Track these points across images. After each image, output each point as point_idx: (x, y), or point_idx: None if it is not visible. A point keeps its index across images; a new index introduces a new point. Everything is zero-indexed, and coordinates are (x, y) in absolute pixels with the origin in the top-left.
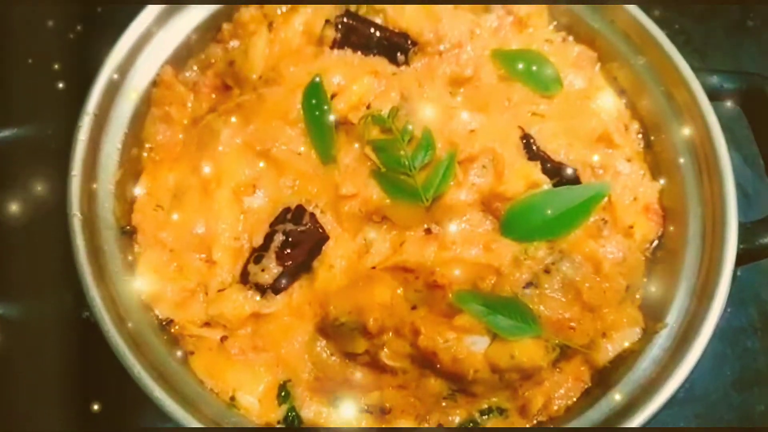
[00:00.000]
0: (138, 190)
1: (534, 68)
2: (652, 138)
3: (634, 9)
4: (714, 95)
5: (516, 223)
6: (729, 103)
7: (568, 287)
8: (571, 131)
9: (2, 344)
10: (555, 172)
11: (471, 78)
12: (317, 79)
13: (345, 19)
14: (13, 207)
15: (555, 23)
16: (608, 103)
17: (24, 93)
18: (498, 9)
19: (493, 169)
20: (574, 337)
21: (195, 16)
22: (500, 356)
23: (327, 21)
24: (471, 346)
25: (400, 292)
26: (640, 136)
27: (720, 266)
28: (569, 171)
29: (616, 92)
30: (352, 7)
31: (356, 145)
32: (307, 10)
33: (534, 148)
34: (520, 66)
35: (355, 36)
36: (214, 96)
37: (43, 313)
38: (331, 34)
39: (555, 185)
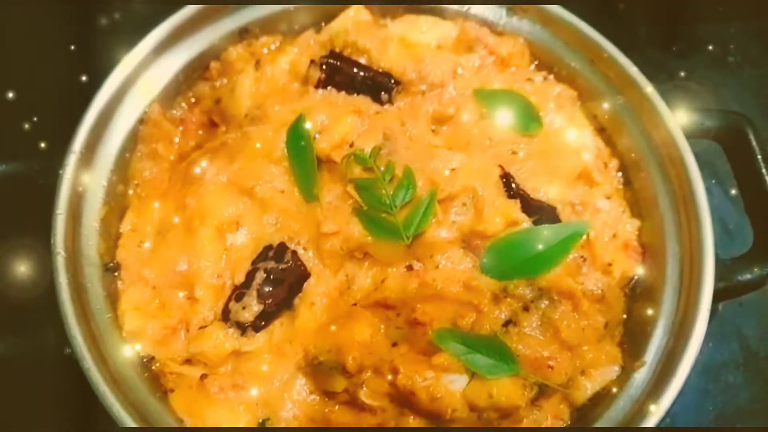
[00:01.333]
0: (123, 227)
1: (514, 109)
2: (631, 176)
3: (613, 49)
4: (694, 133)
5: (496, 261)
6: (709, 141)
7: (546, 325)
8: (551, 169)
9: None
10: (535, 210)
11: (453, 116)
12: (301, 118)
13: (330, 60)
14: None
15: (536, 62)
16: (588, 140)
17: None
18: (480, 49)
19: (473, 207)
20: (552, 375)
21: (183, 54)
22: (478, 395)
23: (312, 61)
24: (449, 384)
25: (381, 329)
26: (619, 174)
27: (697, 304)
28: (549, 209)
29: (596, 130)
30: (337, 47)
31: (338, 184)
32: (294, 49)
33: (514, 186)
34: (501, 106)
35: (339, 76)
36: (200, 132)
37: (25, 350)
38: (315, 74)
39: (535, 223)
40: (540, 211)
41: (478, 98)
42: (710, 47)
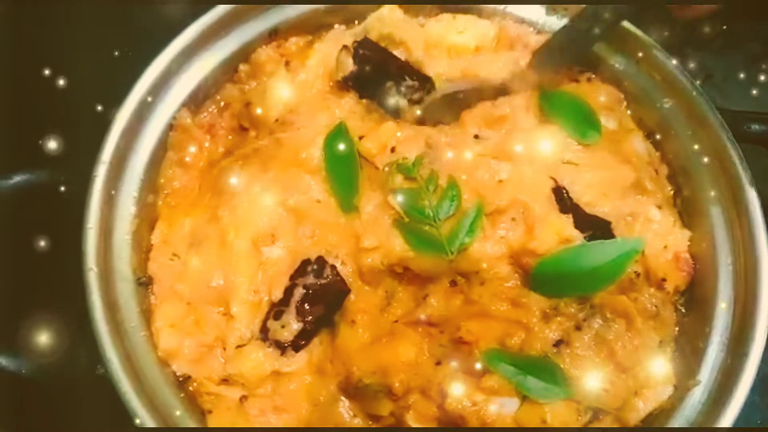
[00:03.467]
0: (154, 239)
1: (573, 114)
2: (680, 183)
3: (659, 50)
4: (742, 137)
5: (546, 277)
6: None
7: (600, 345)
8: (605, 180)
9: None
10: (588, 225)
11: (504, 119)
12: (342, 124)
13: (362, 49)
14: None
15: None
16: (639, 146)
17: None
18: (521, 48)
19: (523, 223)
20: (606, 399)
21: (212, 57)
22: (531, 419)
23: (345, 47)
24: (500, 408)
25: (425, 348)
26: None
27: (754, 319)
28: (603, 224)
29: (644, 134)
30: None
31: (378, 193)
32: (323, 46)
33: (567, 199)
34: (561, 110)
35: (371, 66)
36: (230, 138)
37: (57, 369)
38: (347, 61)
39: (588, 239)
40: (594, 227)
41: (542, 100)
42: (749, 44)
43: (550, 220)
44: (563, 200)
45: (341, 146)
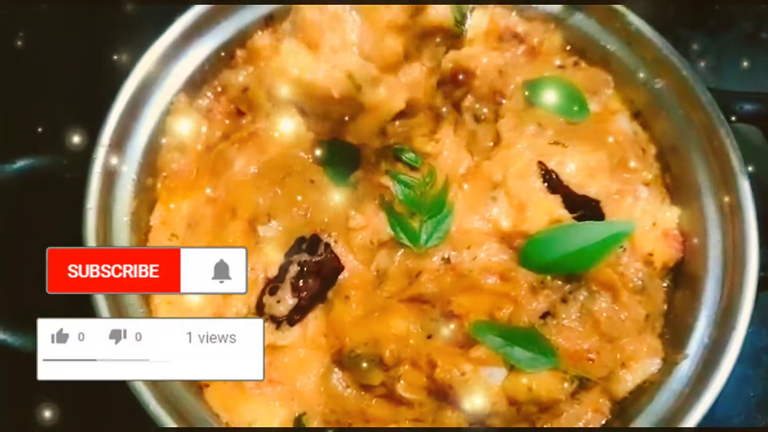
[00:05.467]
0: (153, 220)
1: (560, 95)
2: (670, 162)
3: (650, 31)
4: (733, 117)
5: (535, 255)
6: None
7: (585, 317)
8: (591, 160)
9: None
10: (578, 205)
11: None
12: None
13: None
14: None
15: (569, 47)
16: (624, 125)
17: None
18: (510, 38)
19: (513, 207)
20: (592, 368)
21: (209, 42)
22: (518, 389)
23: None
24: (488, 378)
25: (417, 322)
26: (658, 160)
27: (741, 295)
28: (592, 204)
29: (632, 115)
30: None
31: (370, 173)
32: None
33: (554, 180)
34: (547, 93)
35: None
36: (227, 122)
37: None
38: None
39: (578, 219)
40: (583, 206)
41: (528, 88)
42: (742, 23)
43: (540, 201)
44: (551, 181)
45: None
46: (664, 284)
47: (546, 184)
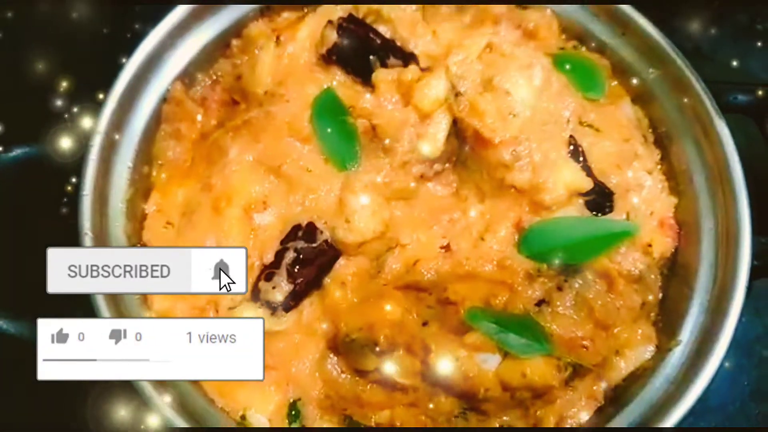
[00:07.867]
0: (148, 208)
1: (581, 70)
2: (665, 150)
3: (644, 21)
4: (727, 107)
5: (536, 241)
6: (742, 115)
7: (580, 305)
8: (622, 149)
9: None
10: (592, 189)
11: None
12: (330, 89)
13: (346, 23)
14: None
15: (564, 36)
16: (629, 111)
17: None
18: (505, 22)
19: (531, 164)
20: (586, 356)
21: (205, 31)
22: (511, 374)
23: (329, 22)
24: (482, 363)
25: (412, 308)
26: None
27: (734, 282)
28: (606, 192)
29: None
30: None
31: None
32: (312, 19)
33: (581, 154)
34: (568, 66)
35: (352, 41)
36: (222, 110)
37: None
38: (331, 35)
39: (587, 203)
40: (597, 192)
41: (554, 63)
42: (737, 15)
43: (563, 166)
44: (577, 154)
45: (332, 110)
46: (660, 273)
47: (571, 155)
